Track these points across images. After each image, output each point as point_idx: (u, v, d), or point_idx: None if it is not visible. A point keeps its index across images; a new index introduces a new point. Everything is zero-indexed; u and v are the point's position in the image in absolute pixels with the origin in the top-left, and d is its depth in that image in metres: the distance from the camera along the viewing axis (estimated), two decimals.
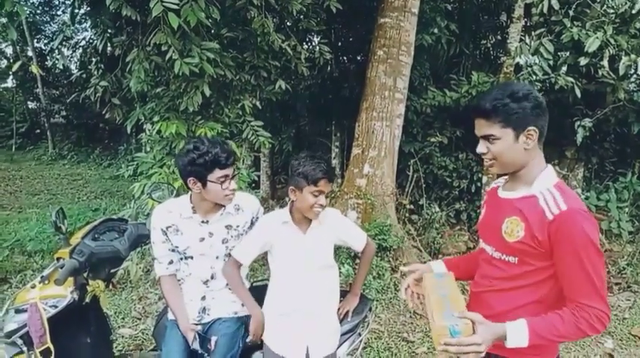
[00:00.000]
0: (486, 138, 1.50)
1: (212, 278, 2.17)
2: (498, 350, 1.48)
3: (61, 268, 1.96)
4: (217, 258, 2.15)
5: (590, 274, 1.37)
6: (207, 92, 3.70)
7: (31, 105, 17.06)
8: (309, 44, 6.54)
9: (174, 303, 2.14)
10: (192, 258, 2.14)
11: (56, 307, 2.01)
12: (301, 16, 4.48)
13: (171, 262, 2.16)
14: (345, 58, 7.48)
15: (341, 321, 2.24)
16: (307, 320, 2.07)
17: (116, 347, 3.30)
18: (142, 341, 3.61)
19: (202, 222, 2.11)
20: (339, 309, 2.25)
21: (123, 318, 3.95)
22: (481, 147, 1.54)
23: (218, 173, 1.96)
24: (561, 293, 1.47)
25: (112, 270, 2.31)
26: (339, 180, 6.66)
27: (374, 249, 2.38)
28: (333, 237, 2.16)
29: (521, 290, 1.52)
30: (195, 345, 1.99)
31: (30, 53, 14.92)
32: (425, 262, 4.93)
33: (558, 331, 1.39)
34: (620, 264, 4.89)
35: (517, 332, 1.40)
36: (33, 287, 2.02)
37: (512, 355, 1.50)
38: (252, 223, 2.23)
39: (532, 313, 1.46)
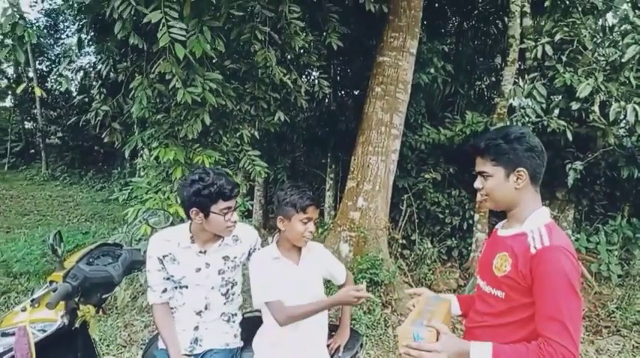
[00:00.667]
0: (481, 174, 1.60)
1: (206, 308, 2.15)
2: None
3: (54, 291, 1.94)
4: (212, 288, 2.14)
5: (563, 311, 1.38)
6: (208, 121, 3.76)
7: (28, 125, 17.13)
8: (309, 78, 6.68)
9: (166, 332, 2.11)
10: (187, 287, 2.12)
11: (45, 331, 1.97)
12: (302, 51, 4.61)
13: (165, 290, 2.14)
14: (343, 92, 7.63)
15: (332, 357, 2.22)
16: (298, 354, 2.05)
17: None
18: None
19: (200, 252, 2.11)
20: (329, 345, 2.23)
21: (108, 345, 3.86)
22: (477, 183, 1.63)
23: (222, 205, 1.96)
24: None
25: (104, 296, 2.28)
26: (333, 213, 6.68)
27: (352, 280, 2.41)
28: (322, 270, 2.18)
29: (507, 328, 1.54)
30: None
31: (31, 74, 15.06)
32: None
33: None
34: (610, 307, 4.89)
35: (481, 352, 1.42)
36: (23, 310, 1.99)
37: None
38: (250, 254, 2.24)
39: None
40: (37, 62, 15.54)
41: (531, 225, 1.53)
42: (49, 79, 16.25)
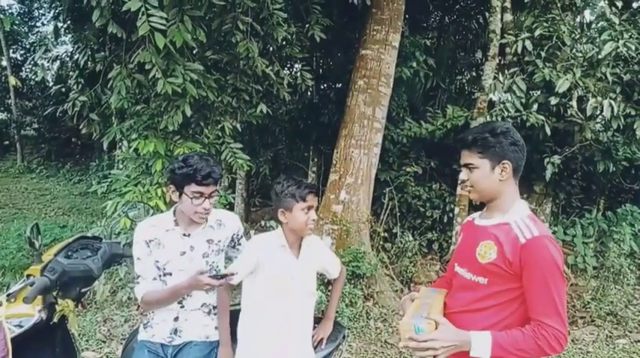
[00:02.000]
0: (467, 166, 1.67)
1: (188, 295, 2.13)
2: None
3: (31, 285, 1.90)
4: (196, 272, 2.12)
5: (554, 296, 1.49)
6: (189, 112, 3.70)
7: (2, 116, 16.62)
8: (292, 70, 6.63)
9: (168, 290, 2.07)
10: (170, 274, 2.10)
11: (22, 326, 1.93)
12: (285, 43, 4.57)
13: (155, 278, 2.11)
14: (325, 85, 7.61)
15: (315, 348, 2.23)
16: (284, 346, 2.05)
17: None
18: None
19: (184, 235, 2.11)
20: (313, 336, 2.24)
21: (87, 340, 3.81)
22: (462, 175, 1.71)
23: (193, 188, 1.98)
24: (526, 315, 1.58)
25: (83, 290, 2.24)
26: None
27: (345, 274, 2.44)
28: (318, 265, 2.19)
29: (488, 311, 1.62)
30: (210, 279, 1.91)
31: (4, 63, 14.62)
32: (397, 290, 4.97)
33: (519, 345, 1.49)
34: (585, 298, 5.01)
35: (481, 342, 1.50)
36: None
37: None
38: (233, 240, 2.24)
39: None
40: (11, 51, 15.06)
41: (514, 216, 1.61)
42: (23, 69, 15.79)
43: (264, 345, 2.04)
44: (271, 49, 4.54)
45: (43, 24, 15.36)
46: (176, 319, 2.14)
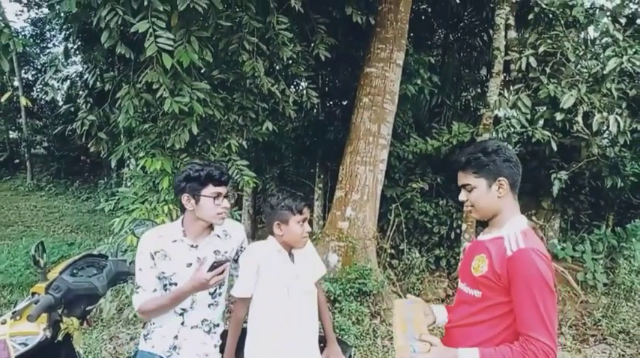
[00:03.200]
0: (464, 187, 1.71)
1: (191, 307, 2.13)
2: None
3: (36, 303, 1.91)
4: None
5: (540, 309, 1.49)
6: (195, 130, 3.74)
7: (13, 134, 16.86)
8: (297, 88, 6.71)
9: (164, 296, 2.07)
10: (176, 284, 2.09)
11: (26, 345, 1.93)
12: (291, 62, 4.63)
13: (155, 290, 2.10)
14: (331, 102, 7.66)
15: None
16: (290, 347, 2.05)
17: None
18: None
19: (192, 246, 2.11)
20: None
21: None
22: (461, 196, 1.74)
23: (211, 189, 2.03)
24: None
25: (88, 308, 2.24)
26: (321, 223, 6.67)
27: (324, 295, 2.44)
28: (310, 264, 2.22)
29: (483, 325, 1.64)
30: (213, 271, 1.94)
31: (16, 83, 14.90)
32: None
33: None
34: (596, 316, 4.93)
35: None
36: (3, 322, 1.94)
37: None
38: (237, 254, 2.25)
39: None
40: (23, 71, 15.38)
41: (508, 230, 1.63)
42: (34, 89, 16.09)
43: (272, 349, 2.04)
44: (277, 67, 4.60)
45: (54, 45, 15.71)
46: (176, 337, 2.13)
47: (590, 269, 5.52)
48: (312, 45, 4.69)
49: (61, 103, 12.55)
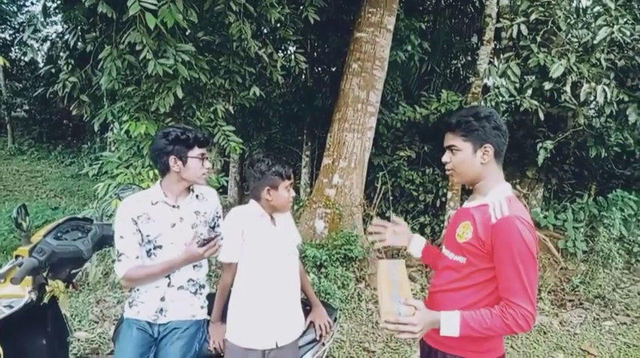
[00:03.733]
0: (450, 148, 1.71)
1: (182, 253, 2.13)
2: (446, 347, 1.71)
3: (20, 266, 1.89)
4: (185, 245, 2.12)
5: (522, 275, 1.52)
6: (180, 94, 3.66)
7: None
8: (285, 53, 6.57)
9: (158, 266, 2.09)
10: (161, 247, 2.11)
11: (11, 307, 1.93)
12: (279, 25, 4.51)
13: (137, 257, 2.09)
14: (319, 68, 7.55)
15: (306, 330, 2.25)
16: (276, 307, 2.08)
17: (72, 351, 3.19)
18: (99, 345, 3.50)
19: (173, 206, 2.13)
20: (311, 322, 2.28)
21: (79, 321, 3.82)
22: (445, 157, 1.75)
23: (197, 150, 2.10)
24: None
25: (73, 271, 2.24)
26: (308, 190, 6.69)
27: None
28: (291, 226, 2.26)
29: (467, 290, 1.67)
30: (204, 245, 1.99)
31: None
32: None
33: (487, 324, 1.54)
34: (574, 282, 5.09)
35: (450, 321, 1.56)
36: None
37: (458, 351, 1.68)
38: (213, 219, 2.27)
39: None
40: (0, 30, 14.81)
41: (493, 198, 1.64)
42: (12, 49, 15.50)
43: (257, 309, 2.06)
44: (265, 30, 4.49)
45: (32, 3, 15.04)
46: (162, 299, 2.14)
47: (571, 237, 5.66)
48: (301, 7, 4.55)
49: (41, 65, 12.14)
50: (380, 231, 2.06)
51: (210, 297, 2.25)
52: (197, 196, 2.22)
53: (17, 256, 2.01)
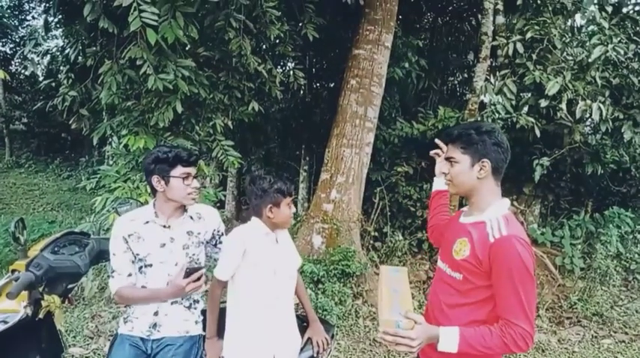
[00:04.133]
0: (449, 159, 1.73)
1: (169, 284, 2.12)
2: None
3: (16, 281, 1.88)
4: (176, 264, 2.12)
5: (520, 295, 1.52)
6: (180, 109, 3.69)
7: None
8: (284, 68, 6.64)
9: (146, 292, 2.09)
10: (151, 265, 2.10)
11: (6, 322, 1.90)
12: (278, 41, 4.56)
13: (130, 275, 2.10)
14: (318, 84, 7.62)
15: (303, 347, 2.23)
16: (273, 327, 2.06)
17: None
18: None
19: (164, 226, 2.11)
20: (309, 339, 2.27)
21: (74, 337, 3.78)
22: (444, 167, 1.78)
23: (180, 169, 2.05)
24: None
25: (70, 286, 2.22)
26: (306, 205, 6.68)
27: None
28: (292, 247, 2.24)
29: (464, 308, 1.66)
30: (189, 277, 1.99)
31: None
32: None
33: (486, 342, 1.52)
34: (572, 299, 5.07)
35: (449, 337, 1.54)
36: None
37: None
38: (214, 237, 2.26)
39: None
40: (0, 44, 14.90)
41: (490, 215, 1.64)
42: (13, 62, 15.59)
43: (255, 329, 2.04)
44: (264, 47, 4.54)
45: (33, 17, 15.15)
46: (156, 313, 2.12)
47: (568, 254, 5.66)
48: (300, 24, 4.62)
49: (41, 78, 12.18)
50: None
51: (205, 312, 2.24)
52: (192, 217, 2.19)
53: (13, 270, 1.99)
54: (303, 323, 2.38)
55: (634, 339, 4.50)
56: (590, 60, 4.75)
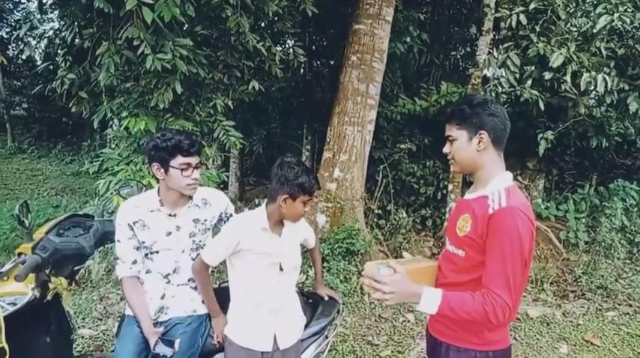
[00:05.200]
0: (448, 138, 1.71)
1: (174, 271, 2.14)
2: (450, 338, 1.69)
3: (22, 264, 1.89)
4: (183, 251, 2.13)
5: (507, 267, 1.49)
6: (179, 89, 3.64)
7: None
8: (284, 46, 6.55)
9: (137, 306, 2.09)
10: (157, 252, 2.11)
11: (15, 304, 1.93)
12: (276, 18, 4.49)
13: (134, 262, 2.11)
14: (318, 61, 7.52)
15: (310, 322, 2.25)
16: (274, 316, 2.08)
17: (76, 348, 3.20)
18: (103, 342, 3.51)
19: (170, 215, 2.10)
20: (314, 315, 2.31)
21: (83, 318, 3.83)
22: (445, 147, 1.74)
23: (180, 159, 1.98)
24: None
25: (76, 268, 2.24)
26: None
27: (319, 244, 2.47)
28: (299, 237, 2.21)
29: (467, 285, 1.63)
30: (159, 349, 1.94)
31: None
32: None
33: (466, 306, 1.50)
34: (577, 273, 5.09)
35: (430, 298, 1.52)
36: None
37: (462, 343, 1.67)
38: (221, 219, 2.25)
39: None
40: None
41: (492, 188, 1.61)
42: (10, 47, 15.45)
43: (256, 313, 2.06)
44: (262, 24, 4.46)
45: (28, 0, 14.98)
46: (163, 296, 2.14)
47: (573, 228, 5.66)
48: (299, 0, 4.53)
49: (39, 62, 12.08)
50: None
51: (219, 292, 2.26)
52: (198, 205, 2.16)
53: (20, 254, 2.01)
54: (308, 300, 2.40)
55: (638, 311, 4.53)
56: (594, 30, 4.65)
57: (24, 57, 13.93)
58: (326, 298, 2.47)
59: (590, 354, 3.81)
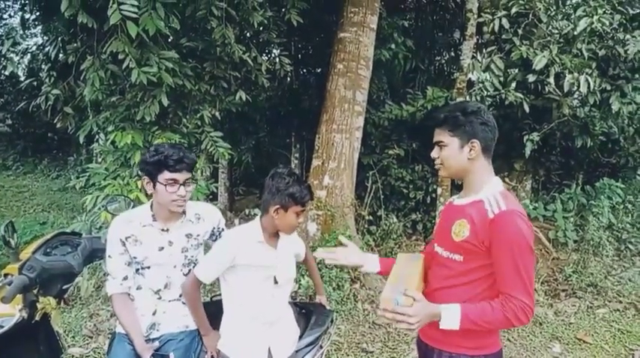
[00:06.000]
0: (438, 144, 1.72)
1: (166, 287, 2.11)
2: (442, 344, 1.70)
3: (9, 285, 1.85)
4: (175, 267, 2.10)
5: (520, 269, 1.53)
6: (165, 102, 3.63)
7: None
8: (270, 56, 6.55)
9: (128, 323, 2.05)
10: (149, 268, 2.08)
11: (2, 327, 1.88)
12: (262, 28, 4.50)
13: (125, 278, 2.08)
14: (305, 70, 7.55)
15: (304, 333, 2.24)
16: (268, 329, 2.06)
17: None
18: None
19: (162, 230, 2.08)
20: (308, 326, 2.29)
21: (73, 337, 3.76)
22: (433, 152, 1.75)
23: (166, 175, 1.95)
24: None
25: (64, 286, 2.20)
26: None
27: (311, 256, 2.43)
28: (293, 250, 2.19)
29: (465, 287, 1.66)
30: None
31: None
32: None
33: (487, 317, 1.53)
34: (567, 272, 5.14)
35: (450, 314, 1.54)
36: None
37: (454, 348, 1.67)
38: (213, 233, 2.22)
39: None
40: None
41: (487, 193, 1.63)
42: None
43: (250, 326, 2.04)
44: (248, 34, 4.47)
45: (10, 15, 14.83)
46: (154, 313, 2.11)
47: (561, 227, 5.72)
48: (284, 10, 4.55)
49: (22, 78, 11.96)
50: (329, 256, 2.02)
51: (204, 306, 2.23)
52: (191, 220, 2.14)
53: (6, 275, 1.97)
54: (302, 310, 2.39)
55: (628, 307, 4.59)
56: (575, 32, 4.73)
57: (7, 73, 13.76)
58: (327, 306, 2.48)
59: (582, 352, 3.84)
